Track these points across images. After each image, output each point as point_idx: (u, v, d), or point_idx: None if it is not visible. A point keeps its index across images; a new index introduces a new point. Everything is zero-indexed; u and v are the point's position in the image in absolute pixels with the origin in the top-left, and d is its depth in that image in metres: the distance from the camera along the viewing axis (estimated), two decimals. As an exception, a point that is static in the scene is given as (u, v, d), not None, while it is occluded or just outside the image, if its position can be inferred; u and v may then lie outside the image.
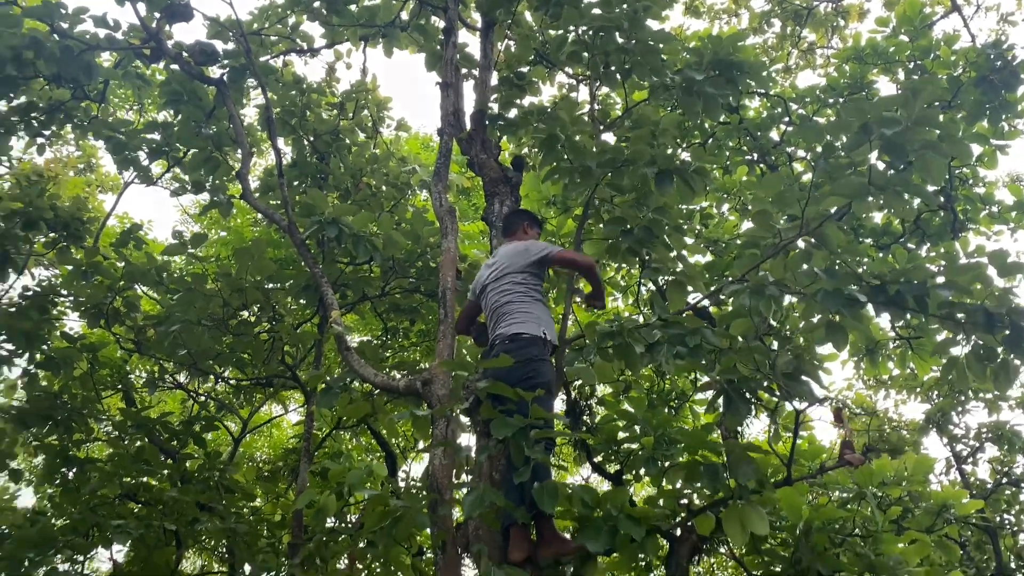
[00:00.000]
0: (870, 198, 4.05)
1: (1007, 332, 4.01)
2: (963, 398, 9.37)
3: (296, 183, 7.90)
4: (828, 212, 4.30)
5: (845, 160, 4.18)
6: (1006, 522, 10.37)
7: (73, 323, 7.47)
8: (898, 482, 6.60)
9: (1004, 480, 9.52)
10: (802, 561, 4.99)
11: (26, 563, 5.93)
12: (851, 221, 8.62)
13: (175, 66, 6.63)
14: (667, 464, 5.01)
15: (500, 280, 4.48)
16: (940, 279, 4.08)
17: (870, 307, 4.25)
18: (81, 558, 6.97)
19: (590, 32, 5.58)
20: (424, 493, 4.15)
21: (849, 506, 5.70)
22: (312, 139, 7.68)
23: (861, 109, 3.95)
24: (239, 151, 6.15)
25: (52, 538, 6.02)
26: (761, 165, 9.00)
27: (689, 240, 9.94)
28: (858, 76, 8.64)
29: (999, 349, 4.17)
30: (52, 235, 7.07)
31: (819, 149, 4.32)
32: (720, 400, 4.10)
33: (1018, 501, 10.05)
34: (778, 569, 5.41)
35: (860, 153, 4.01)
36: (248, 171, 5.90)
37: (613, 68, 5.71)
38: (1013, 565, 10.77)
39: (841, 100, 8.43)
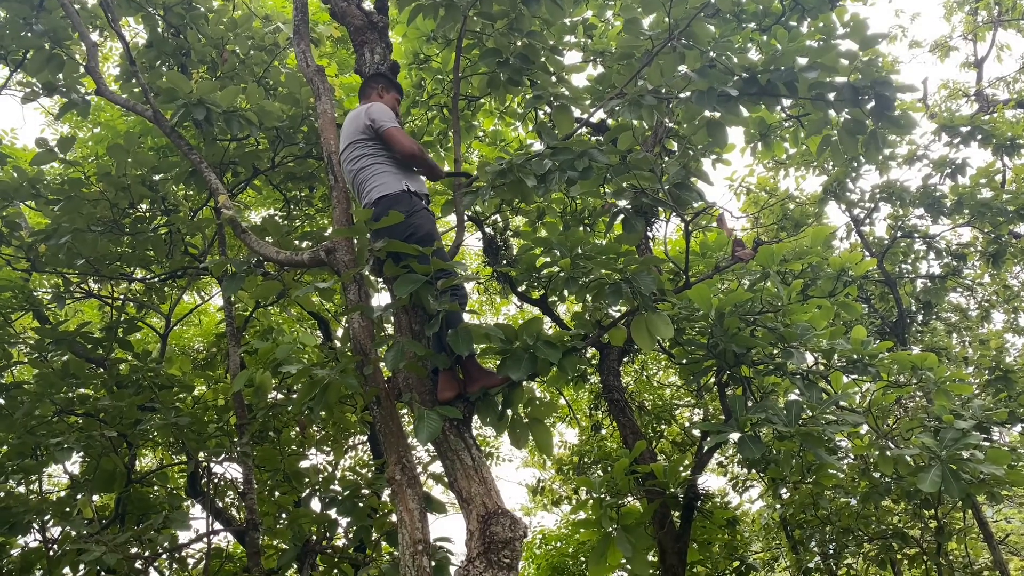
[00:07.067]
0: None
1: (872, 103, 4.16)
2: (855, 164, 9.75)
3: (158, 63, 7.39)
4: (694, 10, 4.28)
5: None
6: (904, 271, 11.20)
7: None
8: (797, 256, 7.01)
9: (899, 234, 10.15)
10: (719, 344, 5.38)
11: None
12: (733, 7, 8.59)
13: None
14: (588, 279, 5.21)
15: (346, 150, 4.41)
16: (803, 60, 4.16)
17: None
18: (34, 477, 7.06)
19: None
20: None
21: (756, 287, 6.06)
22: (164, 14, 7.12)
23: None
24: (84, 43, 5.69)
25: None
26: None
27: (577, 54, 9.79)
28: None
29: (867, 121, 4.34)
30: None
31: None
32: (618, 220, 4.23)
33: (912, 251, 10.81)
34: (701, 354, 5.83)
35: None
36: (97, 64, 5.48)
37: None
38: (914, 308, 11.75)
39: None
